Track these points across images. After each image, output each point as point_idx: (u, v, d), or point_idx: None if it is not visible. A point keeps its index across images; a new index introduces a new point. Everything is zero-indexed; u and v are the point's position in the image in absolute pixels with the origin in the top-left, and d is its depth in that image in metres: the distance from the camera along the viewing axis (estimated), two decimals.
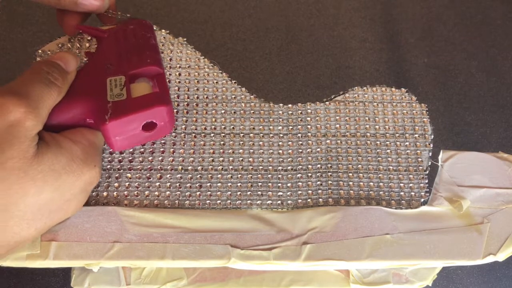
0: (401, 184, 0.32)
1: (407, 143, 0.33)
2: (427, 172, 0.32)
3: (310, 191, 0.32)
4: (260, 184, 0.32)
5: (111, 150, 0.32)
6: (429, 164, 0.33)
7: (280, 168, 0.33)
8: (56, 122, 0.29)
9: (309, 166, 0.33)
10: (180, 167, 0.32)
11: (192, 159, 0.32)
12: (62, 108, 0.29)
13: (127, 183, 0.31)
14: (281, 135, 0.34)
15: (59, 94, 0.28)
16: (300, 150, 0.33)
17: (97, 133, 0.30)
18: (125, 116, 0.29)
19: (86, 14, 0.36)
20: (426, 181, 0.32)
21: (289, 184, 0.32)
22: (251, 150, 0.33)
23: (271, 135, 0.34)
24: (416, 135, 0.34)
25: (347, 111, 0.35)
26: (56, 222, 0.28)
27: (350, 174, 0.32)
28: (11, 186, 0.24)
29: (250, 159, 0.33)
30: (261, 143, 0.33)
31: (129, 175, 0.32)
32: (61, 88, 0.29)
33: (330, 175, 0.32)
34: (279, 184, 0.32)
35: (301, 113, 0.35)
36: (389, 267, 0.30)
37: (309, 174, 0.32)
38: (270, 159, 0.33)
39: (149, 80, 0.32)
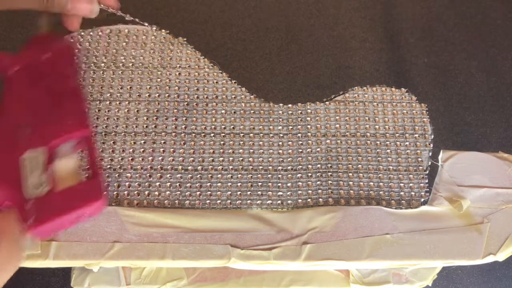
0: (401, 184, 0.32)
1: (407, 143, 0.33)
2: (427, 172, 0.32)
3: (310, 191, 0.32)
4: (260, 184, 0.32)
5: (111, 149, 0.32)
6: (429, 164, 0.33)
7: (280, 168, 0.33)
8: None
9: (309, 166, 0.33)
10: (180, 167, 0.32)
11: (192, 159, 0.32)
12: None
13: (127, 183, 0.31)
14: (281, 135, 0.34)
15: None
16: (300, 150, 0.33)
17: (14, 222, 0.24)
18: (52, 219, 0.24)
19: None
20: (426, 181, 0.32)
21: (289, 184, 0.32)
22: (251, 150, 0.33)
23: (271, 135, 0.34)
24: (416, 135, 0.34)
25: (347, 111, 0.35)
26: None
27: (350, 174, 0.32)
28: None
29: (250, 159, 0.33)
30: (261, 143, 0.33)
31: (129, 175, 0.32)
32: None
33: (330, 175, 0.32)
34: (279, 184, 0.32)
35: (301, 113, 0.35)
36: (389, 267, 0.30)
37: (309, 174, 0.32)
38: (270, 159, 0.33)
39: (74, 143, 0.27)
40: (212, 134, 0.33)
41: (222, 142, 0.33)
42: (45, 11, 0.33)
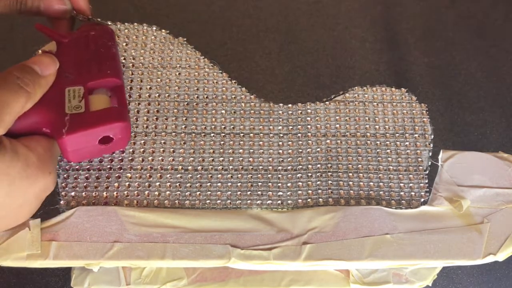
0: (401, 184, 0.32)
1: (407, 143, 0.33)
2: (427, 172, 0.32)
3: (310, 191, 0.32)
4: (260, 184, 0.32)
5: None
6: (429, 164, 0.33)
7: (280, 168, 0.33)
8: (12, 128, 0.28)
9: (309, 166, 0.33)
10: (180, 167, 0.32)
11: (192, 159, 0.32)
12: (19, 116, 0.28)
13: (127, 183, 0.31)
14: (281, 135, 0.34)
15: (29, 99, 0.28)
16: (300, 150, 0.33)
17: (53, 141, 0.29)
18: (83, 130, 0.29)
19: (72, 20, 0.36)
20: (426, 181, 0.32)
21: (289, 184, 0.32)
22: (251, 150, 0.33)
23: (271, 135, 0.34)
24: (416, 135, 0.34)
25: (347, 111, 0.35)
26: (4, 228, 0.28)
27: (350, 174, 0.32)
28: None
29: (250, 159, 0.33)
30: (261, 143, 0.33)
31: (129, 175, 0.32)
32: (32, 94, 0.28)
33: (330, 175, 0.32)
34: (279, 184, 0.32)
35: (301, 113, 0.35)
36: (389, 267, 0.30)
37: (309, 174, 0.32)
38: (270, 159, 0.33)
39: (108, 91, 0.32)
40: (212, 134, 0.33)
41: (222, 142, 0.33)
42: (18, 14, 0.33)
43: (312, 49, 0.62)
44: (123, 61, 0.36)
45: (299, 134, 0.34)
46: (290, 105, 0.35)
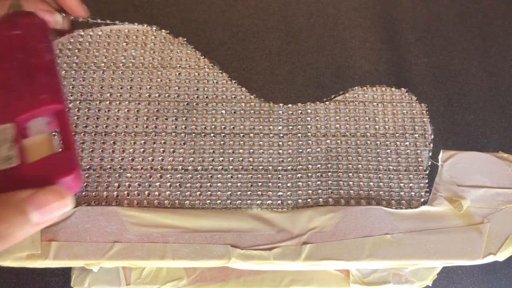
0: (401, 184, 0.32)
1: (407, 143, 0.33)
2: (427, 172, 0.32)
3: (310, 191, 0.32)
4: (260, 184, 0.32)
5: (111, 149, 0.32)
6: (429, 164, 0.33)
7: (280, 168, 0.33)
8: None
9: (309, 166, 0.33)
10: (180, 167, 0.32)
11: (192, 159, 0.32)
12: None
13: (127, 183, 0.31)
14: (281, 135, 0.34)
15: None
16: (300, 150, 0.33)
17: None
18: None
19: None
20: (426, 181, 0.32)
21: (289, 184, 0.32)
22: (251, 150, 0.33)
23: (271, 135, 0.34)
24: (416, 135, 0.34)
25: (347, 111, 0.35)
26: None
27: (350, 174, 0.32)
28: None
29: (250, 159, 0.33)
30: (261, 143, 0.33)
31: (129, 175, 0.32)
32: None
33: (330, 175, 0.32)
34: (279, 184, 0.32)
35: (301, 113, 0.35)
36: (389, 267, 0.30)
37: (309, 174, 0.32)
38: (270, 159, 0.33)
39: (46, 120, 0.26)
40: (212, 134, 0.33)
41: (222, 142, 0.33)
42: None
43: (312, 49, 0.62)
44: (123, 61, 0.36)
45: (299, 134, 0.34)
46: (290, 105, 0.35)
